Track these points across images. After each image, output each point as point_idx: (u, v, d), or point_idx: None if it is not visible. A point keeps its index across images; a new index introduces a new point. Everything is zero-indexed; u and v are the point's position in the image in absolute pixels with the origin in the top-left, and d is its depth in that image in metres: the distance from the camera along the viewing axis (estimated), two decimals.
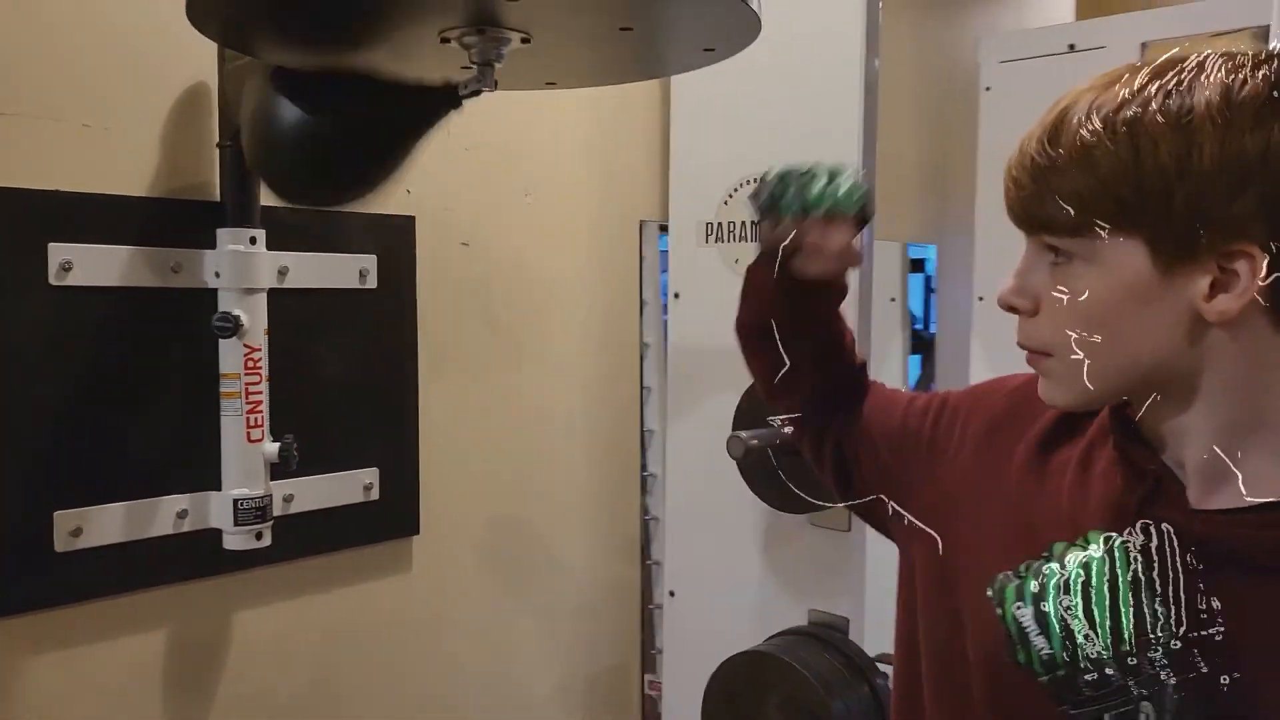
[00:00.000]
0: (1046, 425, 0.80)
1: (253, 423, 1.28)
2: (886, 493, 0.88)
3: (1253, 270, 0.60)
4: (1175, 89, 0.61)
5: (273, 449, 1.29)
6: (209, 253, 1.27)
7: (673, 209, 1.73)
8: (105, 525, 1.21)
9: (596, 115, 1.73)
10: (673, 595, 1.76)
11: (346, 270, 1.42)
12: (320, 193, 1.13)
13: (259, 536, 1.28)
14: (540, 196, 1.67)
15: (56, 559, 1.18)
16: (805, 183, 0.86)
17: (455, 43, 0.96)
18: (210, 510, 1.29)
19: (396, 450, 1.49)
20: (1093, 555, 0.62)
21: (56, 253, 1.17)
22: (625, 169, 1.79)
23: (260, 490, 1.28)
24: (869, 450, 0.92)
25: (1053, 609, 0.61)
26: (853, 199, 0.86)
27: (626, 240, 1.82)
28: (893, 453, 0.89)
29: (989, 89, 2.44)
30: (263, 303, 1.28)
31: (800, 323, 0.94)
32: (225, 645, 1.34)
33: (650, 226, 1.85)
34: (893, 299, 2.42)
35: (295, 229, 1.34)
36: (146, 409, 1.25)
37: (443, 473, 1.54)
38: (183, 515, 1.27)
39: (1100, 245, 0.64)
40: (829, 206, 0.86)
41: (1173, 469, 0.68)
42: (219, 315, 1.24)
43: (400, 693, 1.53)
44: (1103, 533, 0.64)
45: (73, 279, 1.18)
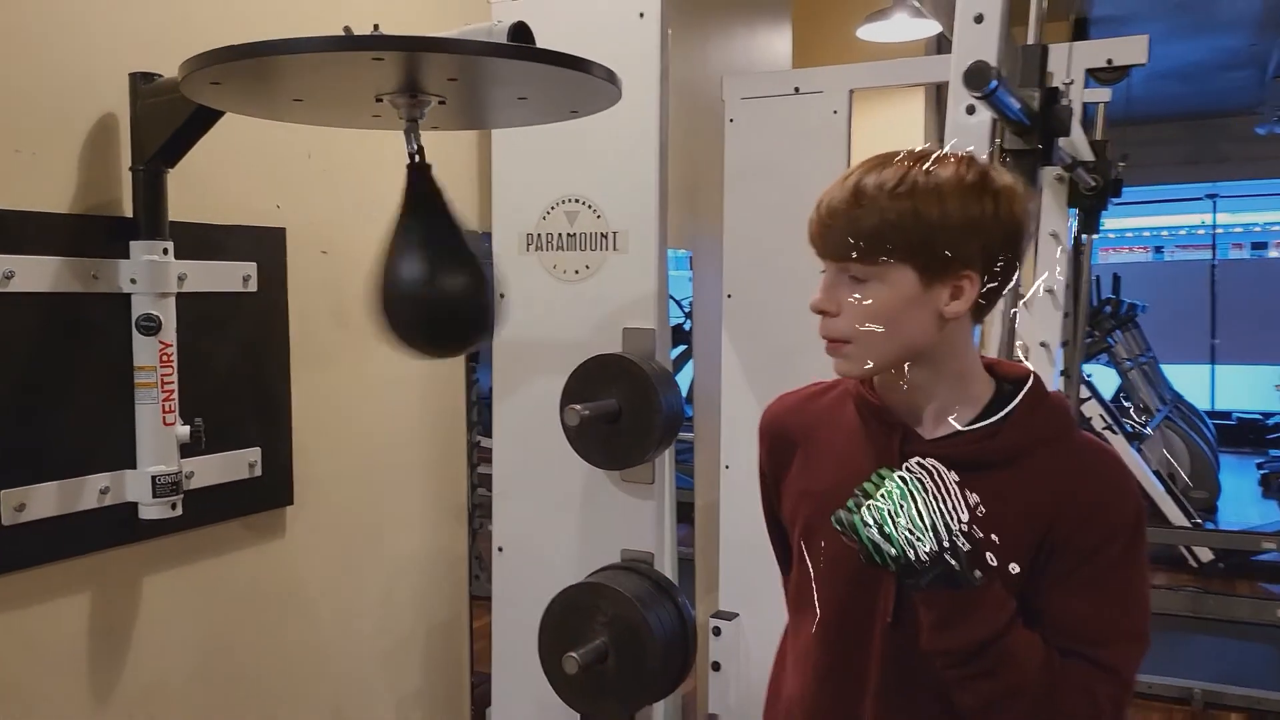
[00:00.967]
0: (806, 421, 1.17)
1: (167, 409, 1.48)
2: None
3: (973, 288, 1.01)
4: (931, 170, 0.99)
5: (184, 431, 1.50)
6: (123, 262, 1.46)
7: (495, 220, 2.03)
8: (43, 501, 1.38)
9: (427, 139, 2.01)
10: (500, 550, 2.08)
11: (233, 276, 1.64)
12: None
13: (174, 507, 1.49)
14: (385, 210, 1.94)
15: (4, 531, 1.34)
16: None
17: (388, 101, 1.25)
18: (127, 486, 1.48)
19: (274, 432, 1.72)
20: (893, 486, 0.97)
21: (1, 263, 1.33)
22: (453, 186, 2.08)
23: (174, 467, 1.49)
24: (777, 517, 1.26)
25: (891, 526, 0.95)
26: None
27: None
28: (772, 497, 1.25)
29: (732, 120, 2.92)
30: (173, 305, 1.48)
31: None
32: (139, 603, 1.53)
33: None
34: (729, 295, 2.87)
35: (191, 241, 1.54)
36: (74, 398, 1.42)
37: (312, 451, 1.79)
38: (105, 491, 1.45)
39: (884, 269, 1.01)
40: None
41: (903, 420, 1.09)
42: (144, 316, 1.44)
43: (279, 640, 1.76)
44: (889, 470, 0.99)
45: (14, 286, 1.34)
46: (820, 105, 2.83)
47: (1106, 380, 6.88)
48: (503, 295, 2.04)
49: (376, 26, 1.26)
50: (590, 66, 1.16)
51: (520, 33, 1.17)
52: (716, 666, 2.92)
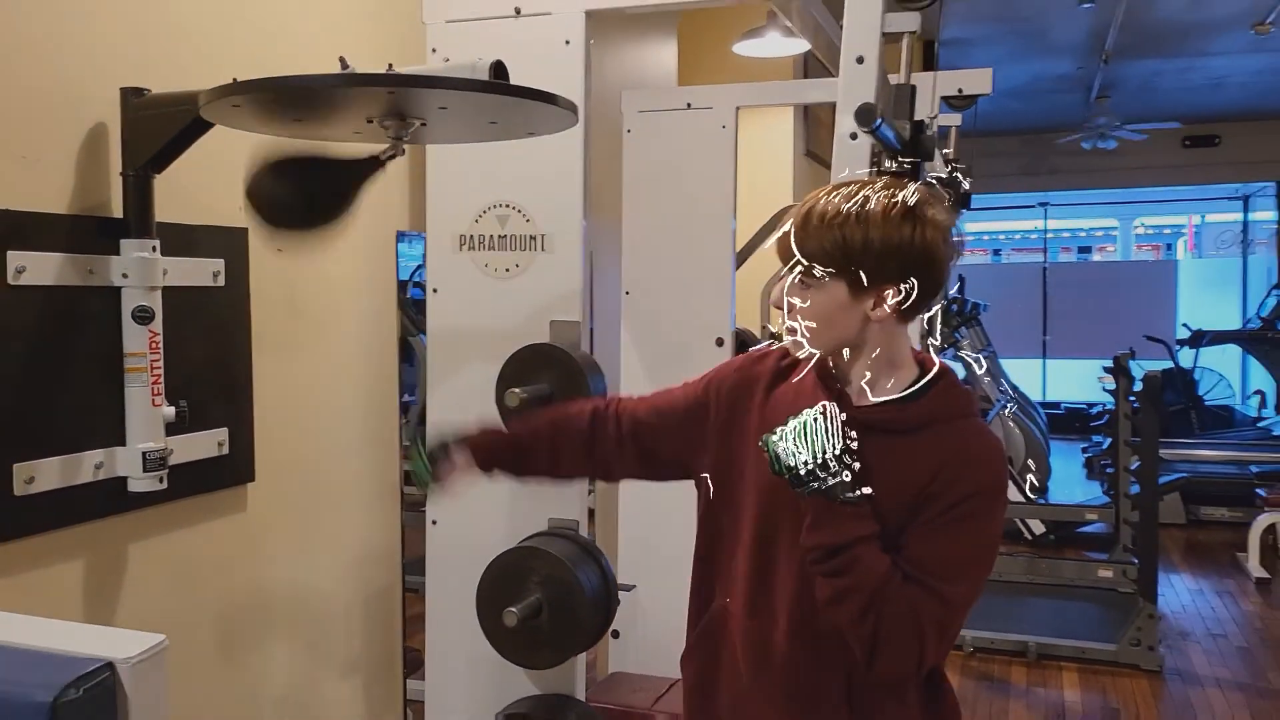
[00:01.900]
0: (769, 372, 1.43)
1: (155, 391, 1.64)
2: (688, 447, 1.46)
3: (894, 298, 1.26)
4: (863, 203, 1.24)
5: (170, 411, 1.66)
6: (115, 258, 1.61)
7: (430, 222, 2.22)
8: (48, 474, 1.52)
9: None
10: (435, 523, 2.28)
11: (205, 271, 1.80)
12: (304, 229, 1.56)
13: (161, 480, 1.65)
14: None
15: (16, 502, 1.48)
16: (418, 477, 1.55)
17: (378, 123, 1.45)
18: (118, 462, 1.63)
19: (239, 414, 1.89)
20: (800, 419, 1.24)
21: (13, 259, 1.47)
22: (387, 191, 2.27)
23: (161, 445, 1.65)
24: (663, 436, 1.49)
25: (786, 444, 1.23)
26: (427, 476, 1.55)
27: (388, 248, 2.31)
28: (682, 419, 1.47)
29: (629, 131, 3.18)
30: (160, 297, 1.64)
31: (516, 458, 1.59)
32: (126, 568, 1.68)
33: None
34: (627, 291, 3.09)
35: (170, 239, 1.70)
36: (73, 382, 1.57)
37: (270, 433, 1.95)
38: (99, 466, 1.60)
39: (821, 282, 1.26)
40: (428, 480, 1.56)
41: (844, 388, 1.36)
42: (139, 307, 1.59)
43: (243, 604, 1.92)
44: (825, 404, 1.26)
45: (25, 279, 1.48)
46: (710, 120, 3.12)
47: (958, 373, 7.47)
48: (435, 290, 2.25)
49: (342, 59, 1.47)
50: (558, 100, 1.39)
51: (499, 70, 1.40)
52: (616, 634, 3.18)
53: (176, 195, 1.72)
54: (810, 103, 3.70)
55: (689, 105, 3.13)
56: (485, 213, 2.17)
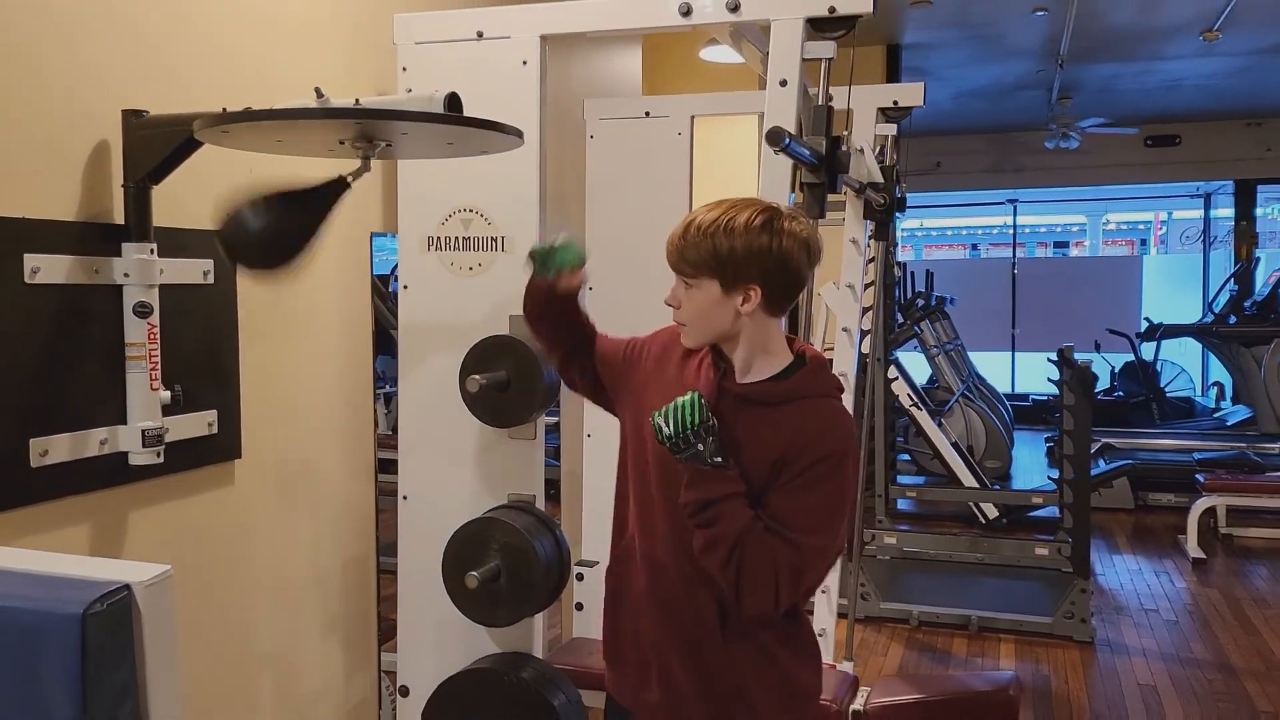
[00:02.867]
0: (679, 354, 1.69)
1: (153, 376, 1.86)
2: (616, 390, 1.74)
3: (758, 296, 1.51)
4: (730, 217, 1.50)
5: (166, 394, 1.89)
6: (116, 260, 1.83)
7: (401, 224, 2.44)
8: (59, 449, 1.74)
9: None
10: (405, 499, 2.50)
11: (196, 270, 2.02)
12: (274, 266, 1.77)
13: (158, 455, 1.87)
14: None
15: (32, 472, 1.70)
16: (555, 253, 1.73)
17: (350, 145, 1.67)
18: (120, 438, 1.85)
19: (227, 397, 2.11)
20: (684, 398, 1.49)
21: (29, 261, 1.68)
22: (359, 194, 2.49)
23: (158, 424, 1.87)
24: (606, 369, 1.77)
25: (659, 420, 1.48)
26: (577, 259, 1.73)
27: (361, 247, 2.53)
28: (620, 366, 1.75)
29: (592, 137, 3.40)
30: (157, 293, 1.86)
31: (559, 314, 1.81)
32: (126, 534, 1.90)
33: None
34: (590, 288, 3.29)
35: (166, 242, 1.91)
36: (80, 367, 1.79)
37: (256, 414, 2.18)
38: (104, 442, 1.82)
39: (700, 282, 1.52)
40: (569, 264, 1.72)
41: (730, 365, 1.61)
42: (139, 303, 1.81)
43: (232, 569, 2.15)
44: (692, 392, 1.52)
45: (39, 279, 1.70)
46: (667, 128, 3.35)
47: (922, 364, 7.74)
48: (406, 286, 2.47)
49: (318, 90, 1.68)
50: (505, 128, 1.62)
51: (453, 101, 1.62)
52: (580, 606, 3.41)
53: (171, 204, 1.93)
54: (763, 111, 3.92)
55: (647, 114, 3.36)
56: (451, 216, 2.38)
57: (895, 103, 3.15)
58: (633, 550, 1.69)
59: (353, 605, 2.54)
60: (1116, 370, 9.42)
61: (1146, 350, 9.15)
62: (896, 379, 5.98)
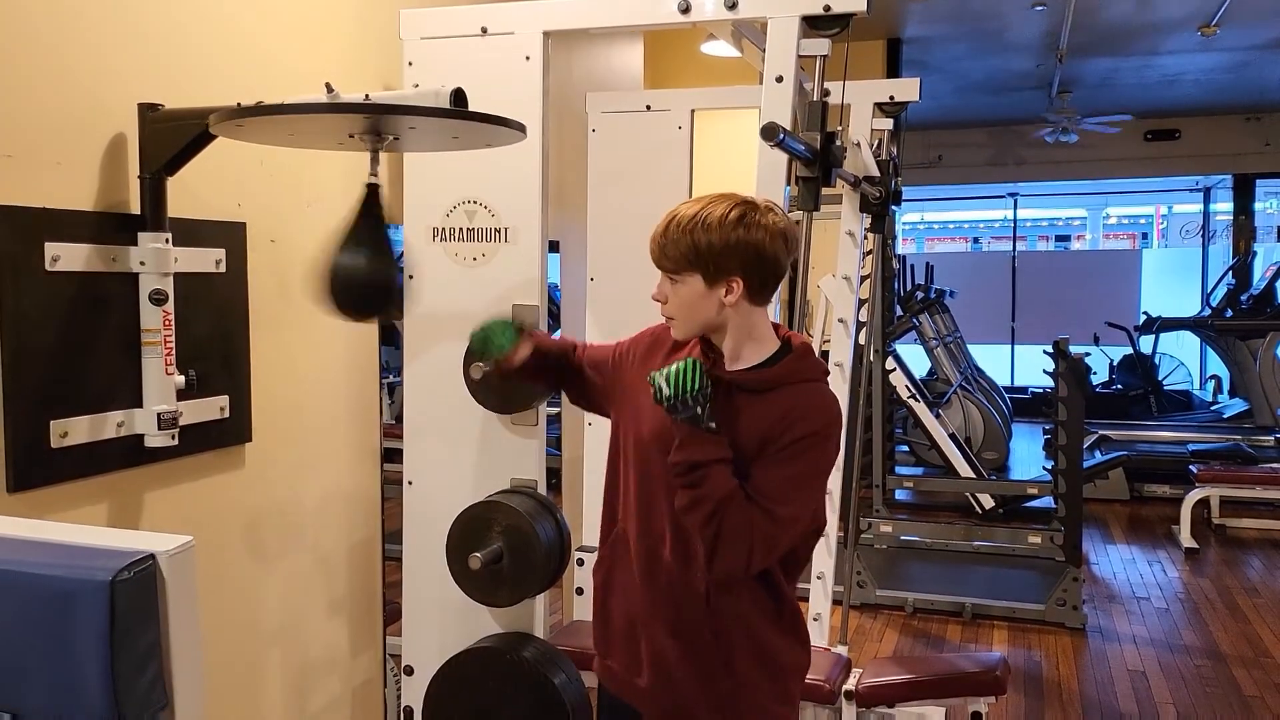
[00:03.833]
0: (669, 345, 1.76)
1: (168, 361, 1.92)
2: (609, 392, 1.82)
3: (740, 287, 1.58)
4: (707, 213, 1.56)
5: (180, 379, 1.95)
6: (133, 249, 1.89)
7: (407, 216, 2.50)
8: (78, 430, 1.81)
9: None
10: (410, 484, 2.56)
11: (208, 259, 2.08)
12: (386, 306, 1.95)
13: (173, 438, 1.94)
14: (317, 206, 2.40)
15: (53, 453, 1.76)
16: (487, 343, 1.87)
17: (357, 137, 1.73)
18: (136, 421, 1.91)
19: (238, 383, 2.17)
20: (684, 362, 1.55)
21: (50, 249, 1.75)
22: None
23: (173, 407, 1.94)
24: (598, 379, 1.85)
25: (660, 380, 1.55)
26: (509, 339, 1.84)
27: None
28: (610, 373, 1.82)
29: (594, 130, 3.46)
30: (172, 281, 1.93)
31: (528, 372, 1.92)
32: (141, 514, 1.97)
33: None
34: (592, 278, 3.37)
35: (179, 232, 1.98)
36: (98, 352, 1.85)
37: (266, 399, 2.24)
38: (121, 424, 1.89)
39: (683, 276, 1.58)
40: (502, 348, 1.84)
41: (719, 355, 1.68)
42: (155, 290, 1.88)
43: (243, 549, 2.22)
44: (692, 357, 1.58)
45: (59, 266, 1.76)
46: (668, 121, 3.40)
47: (921, 356, 7.80)
48: (411, 276, 2.53)
49: (328, 85, 1.75)
50: (509, 122, 1.68)
51: (459, 96, 1.68)
52: (580, 591, 3.48)
53: (185, 195, 1.99)
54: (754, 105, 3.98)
55: (648, 107, 3.42)
56: (455, 208, 2.44)
57: (891, 98, 3.21)
58: (623, 539, 1.76)
59: (358, 586, 2.61)
60: (1115, 363, 9.47)
61: (1145, 343, 9.20)
62: (895, 370, 6.04)
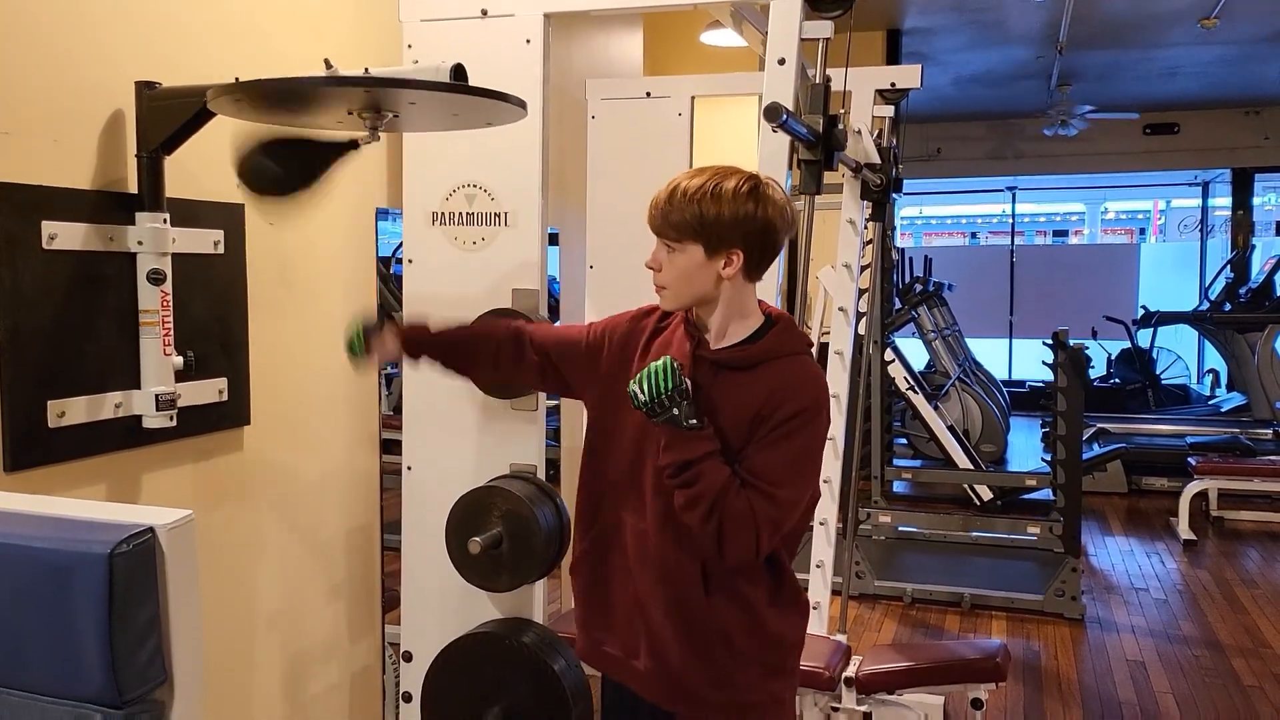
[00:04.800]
0: (650, 328, 1.74)
1: (166, 342, 1.91)
2: (582, 380, 1.79)
3: (739, 260, 1.57)
4: (717, 183, 1.55)
5: (178, 360, 1.94)
6: (131, 228, 1.87)
7: (406, 200, 2.49)
8: (76, 411, 1.80)
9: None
10: (410, 469, 2.55)
11: (207, 240, 2.07)
12: (283, 196, 1.86)
13: (171, 419, 1.93)
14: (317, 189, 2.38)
15: (51, 433, 1.75)
16: (351, 345, 1.89)
17: (357, 115, 1.72)
18: (134, 402, 1.90)
19: (236, 365, 2.16)
20: (657, 364, 1.54)
21: (47, 228, 1.73)
22: (365, 171, 2.54)
23: (171, 388, 1.92)
24: (565, 361, 1.82)
25: (635, 386, 1.53)
26: (361, 338, 1.87)
27: (367, 222, 2.58)
28: (583, 355, 1.78)
29: (594, 117, 3.45)
30: (169, 262, 1.91)
31: (439, 352, 1.92)
32: (139, 495, 1.95)
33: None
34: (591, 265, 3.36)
35: (178, 212, 1.96)
36: (96, 332, 1.84)
37: (264, 382, 2.23)
38: (119, 405, 1.87)
39: (683, 245, 1.57)
40: (357, 348, 1.87)
41: (704, 334, 1.66)
42: (153, 270, 1.86)
43: (241, 532, 2.20)
44: (665, 357, 1.56)
45: (56, 245, 1.75)
46: (667, 108, 3.39)
47: (920, 349, 7.79)
48: (410, 260, 2.52)
49: (327, 61, 1.73)
50: (509, 98, 1.67)
51: (458, 72, 1.67)
52: None
53: (183, 174, 1.98)
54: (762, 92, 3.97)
55: (648, 94, 3.41)
56: (455, 192, 2.43)
57: (893, 84, 3.20)
58: (614, 526, 1.73)
59: (356, 572, 2.60)
60: (1113, 357, 9.47)
61: (1143, 338, 9.20)
62: (893, 362, 6.03)
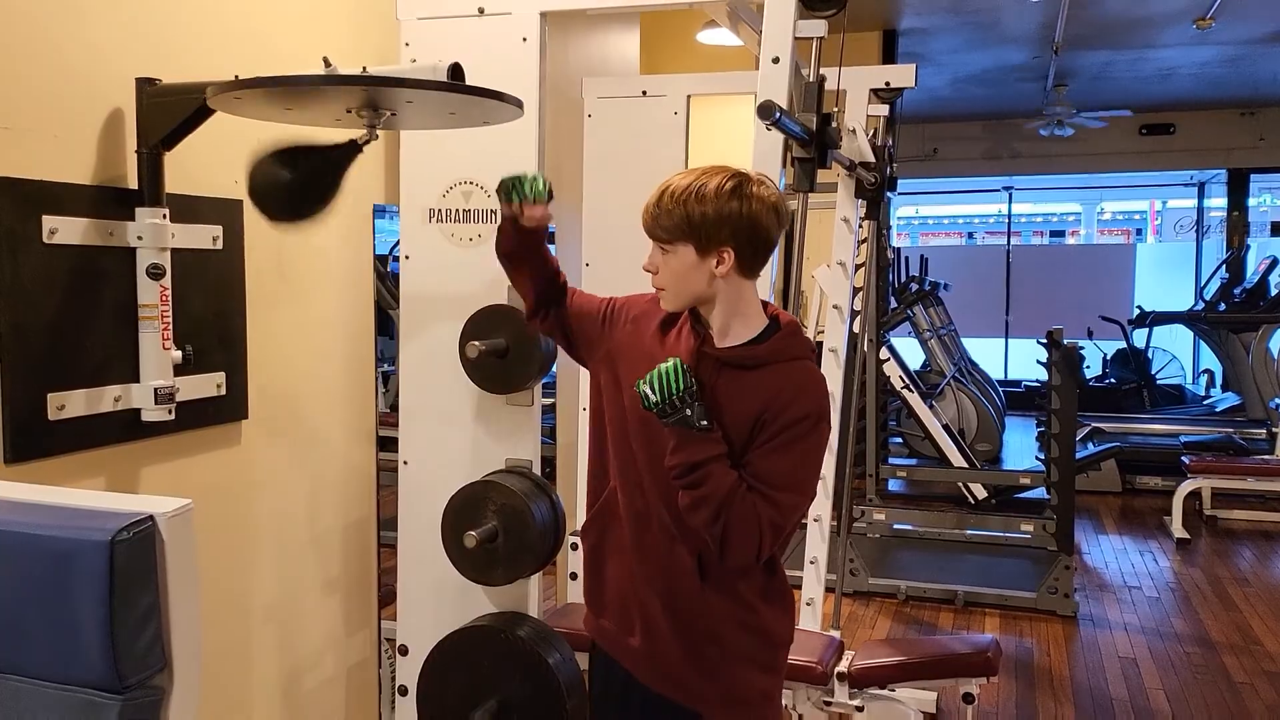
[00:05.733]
0: (661, 318, 1.77)
1: (165, 336, 1.93)
2: (591, 346, 1.81)
3: (731, 258, 1.59)
4: (702, 184, 1.57)
5: (177, 354, 1.96)
6: (130, 223, 1.89)
7: (403, 197, 2.51)
8: (75, 404, 1.81)
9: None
10: (406, 464, 2.57)
11: (205, 236, 2.08)
12: (295, 216, 1.87)
13: (170, 412, 1.94)
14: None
15: (50, 425, 1.77)
16: (519, 184, 1.74)
17: (355, 113, 1.74)
18: (133, 396, 1.92)
19: (234, 360, 2.18)
20: (667, 364, 1.56)
21: (47, 222, 1.75)
22: (362, 168, 2.56)
23: (170, 382, 1.94)
24: (580, 324, 1.83)
25: (645, 387, 1.55)
26: (543, 191, 1.77)
27: (365, 219, 2.60)
28: (597, 325, 1.81)
29: (590, 116, 3.47)
30: (169, 257, 1.93)
31: (527, 251, 1.83)
32: (138, 488, 1.97)
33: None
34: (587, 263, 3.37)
35: (177, 208, 1.98)
36: (95, 326, 1.85)
37: (262, 377, 2.25)
38: (117, 399, 1.89)
39: (676, 246, 1.59)
40: (534, 196, 1.75)
41: (709, 331, 1.68)
42: (153, 265, 1.88)
43: (238, 526, 2.22)
44: (674, 359, 1.59)
45: (57, 239, 1.77)
46: (663, 107, 3.41)
47: (915, 348, 7.82)
48: (408, 257, 2.53)
49: (326, 59, 1.75)
50: (506, 97, 1.69)
51: (455, 71, 1.69)
52: (574, 576, 3.49)
53: (182, 170, 2.00)
54: (749, 91, 3.99)
55: (644, 93, 3.42)
56: (452, 188, 2.45)
57: (887, 83, 3.22)
58: (614, 503, 1.76)
59: (353, 566, 2.62)
60: (1108, 357, 9.50)
61: (1138, 337, 9.23)
62: (888, 360, 6.06)
